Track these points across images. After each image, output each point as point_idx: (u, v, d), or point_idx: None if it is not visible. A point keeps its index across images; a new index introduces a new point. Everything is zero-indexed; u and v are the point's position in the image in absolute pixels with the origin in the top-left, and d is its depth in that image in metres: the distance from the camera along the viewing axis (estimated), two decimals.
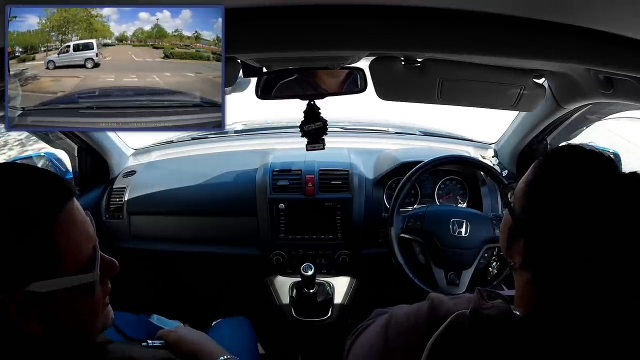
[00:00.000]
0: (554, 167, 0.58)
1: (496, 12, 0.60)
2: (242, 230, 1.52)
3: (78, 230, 0.55)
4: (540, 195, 0.58)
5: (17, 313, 0.50)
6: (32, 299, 0.50)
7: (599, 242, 0.52)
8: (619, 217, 0.52)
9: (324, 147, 1.15)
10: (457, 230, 1.30)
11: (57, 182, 0.55)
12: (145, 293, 1.64)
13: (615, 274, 0.52)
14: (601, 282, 0.53)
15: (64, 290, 0.52)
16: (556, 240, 0.54)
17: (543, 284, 0.57)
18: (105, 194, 1.58)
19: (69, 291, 0.53)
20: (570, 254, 0.53)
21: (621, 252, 0.52)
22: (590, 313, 0.54)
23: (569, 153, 0.59)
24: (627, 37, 0.63)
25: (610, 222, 0.52)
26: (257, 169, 1.55)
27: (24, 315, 0.51)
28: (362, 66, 1.02)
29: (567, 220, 0.54)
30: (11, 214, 0.50)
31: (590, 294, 0.53)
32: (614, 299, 0.53)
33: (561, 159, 0.59)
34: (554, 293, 0.56)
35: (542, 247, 0.56)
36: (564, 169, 0.57)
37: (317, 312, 1.49)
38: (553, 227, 0.55)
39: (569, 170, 0.56)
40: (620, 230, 0.51)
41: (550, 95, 1.20)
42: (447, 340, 0.57)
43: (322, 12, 0.60)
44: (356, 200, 1.48)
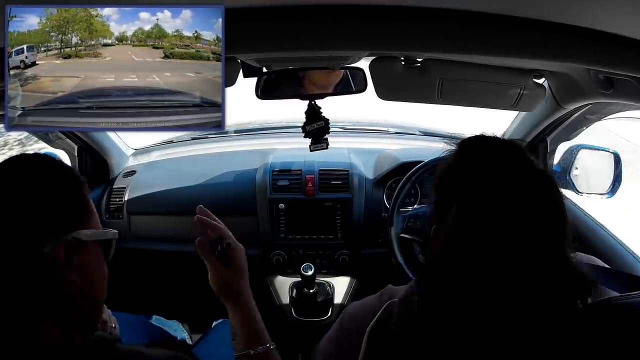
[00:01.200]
0: (457, 157, 0.61)
1: (496, 12, 0.60)
2: (242, 230, 1.51)
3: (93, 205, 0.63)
4: (443, 189, 0.60)
5: (65, 260, 0.55)
6: (75, 247, 0.57)
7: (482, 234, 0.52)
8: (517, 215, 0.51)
9: (327, 147, 1.15)
10: None
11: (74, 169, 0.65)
12: (145, 293, 1.64)
13: (511, 270, 0.51)
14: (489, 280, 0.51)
15: (94, 244, 0.60)
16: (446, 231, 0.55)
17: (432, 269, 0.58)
18: (105, 194, 1.58)
19: (97, 246, 0.61)
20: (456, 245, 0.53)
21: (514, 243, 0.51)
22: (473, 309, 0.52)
23: (473, 143, 0.61)
24: (627, 37, 0.63)
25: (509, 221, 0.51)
26: (257, 169, 1.55)
27: (69, 264, 0.56)
28: (362, 66, 1.02)
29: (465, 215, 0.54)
30: (56, 178, 0.59)
31: (472, 288, 0.52)
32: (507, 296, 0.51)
33: (462, 150, 0.62)
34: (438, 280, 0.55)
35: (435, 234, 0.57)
36: (465, 158, 0.60)
37: (317, 312, 1.49)
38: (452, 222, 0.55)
39: (470, 160, 0.59)
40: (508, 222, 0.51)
41: (550, 95, 1.20)
42: (380, 327, 0.57)
43: (322, 12, 0.60)
44: (356, 200, 1.47)
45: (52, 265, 0.55)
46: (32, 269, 0.55)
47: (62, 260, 0.55)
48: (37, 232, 0.54)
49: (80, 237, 0.57)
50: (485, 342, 0.51)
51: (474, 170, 0.56)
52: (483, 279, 0.51)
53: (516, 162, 0.56)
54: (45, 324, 0.56)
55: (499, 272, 0.51)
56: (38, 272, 0.55)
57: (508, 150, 0.58)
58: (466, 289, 0.52)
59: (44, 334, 0.55)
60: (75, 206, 0.59)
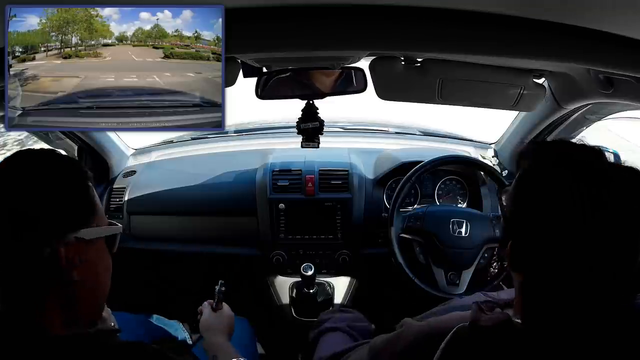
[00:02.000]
0: (538, 167, 0.56)
1: (496, 12, 0.60)
2: (242, 230, 1.52)
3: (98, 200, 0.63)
4: (522, 198, 0.56)
5: (66, 259, 0.56)
6: (78, 246, 0.57)
7: (585, 244, 0.50)
8: (606, 216, 0.50)
9: (318, 146, 1.16)
10: (457, 230, 1.30)
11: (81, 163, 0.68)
12: (145, 293, 1.64)
13: (605, 276, 0.51)
14: (590, 285, 0.51)
15: (97, 243, 0.60)
16: (540, 244, 0.53)
17: (530, 288, 0.56)
18: (105, 194, 1.58)
19: (100, 244, 0.61)
20: (557, 257, 0.52)
21: (611, 253, 0.50)
22: (581, 319, 0.52)
23: (554, 149, 0.57)
24: (627, 37, 0.63)
25: (597, 221, 0.50)
26: (257, 169, 1.55)
27: (71, 262, 0.56)
28: (362, 66, 1.02)
29: (550, 223, 0.52)
30: (61, 174, 0.59)
31: (580, 298, 0.52)
32: (605, 302, 0.52)
33: (545, 156, 0.57)
34: (542, 298, 0.54)
35: (527, 250, 0.55)
36: (547, 168, 0.55)
37: (317, 312, 1.48)
38: (535, 230, 0.53)
39: (551, 170, 0.54)
40: (609, 229, 0.50)
41: (550, 95, 1.20)
42: (450, 355, 0.56)
43: (322, 12, 0.60)
44: (356, 200, 1.47)
45: (54, 265, 0.55)
46: (33, 269, 0.55)
47: (64, 261, 0.56)
48: (38, 233, 0.55)
49: (83, 236, 0.58)
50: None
51: (566, 179, 0.52)
52: (586, 297, 0.52)
53: (605, 168, 0.53)
54: (49, 314, 0.57)
55: (599, 289, 0.51)
56: (39, 272, 0.55)
57: (592, 155, 0.55)
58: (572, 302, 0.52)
59: (48, 323, 0.56)
60: (79, 205, 0.59)
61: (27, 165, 0.59)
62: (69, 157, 0.63)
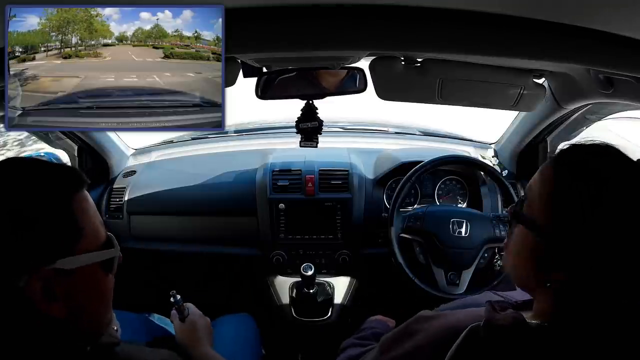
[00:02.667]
0: (574, 171, 0.55)
1: (496, 12, 0.60)
2: (242, 230, 1.52)
3: (93, 210, 0.55)
4: (568, 204, 0.53)
5: (42, 294, 0.49)
6: (58, 277, 0.50)
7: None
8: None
9: (317, 146, 1.16)
10: (457, 230, 1.30)
11: (72, 169, 0.57)
12: (145, 293, 1.64)
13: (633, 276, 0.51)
14: (620, 286, 0.52)
15: (86, 269, 0.52)
16: (598, 248, 0.52)
17: (569, 293, 0.55)
18: (105, 194, 1.58)
19: (91, 269, 0.53)
20: (609, 261, 0.51)
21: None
22: (605, 319, 0.53)
23: (577, 153, 0.57)
24: (627, 37, 0.63)
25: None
26: (257, 169, 1.55)
27: (49, 296, 0.50)
28: (362, 66, 1.02)
29: (605, 226, 0.51)
30: (32, 194, 0.50)
31: (610, 299, 0.53)
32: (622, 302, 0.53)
33: (576, 161, 0.56)
34: (582, 302, 0.54)
35: (584, 257, 0.52)
36: (584, 171, 0.54)
37: (317, 312, 1.49)
38: (593, 236, 0.52)
39: (588, 172, 0.54)
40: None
41: (550, 95, 1.20)
42: (465, 354, 0.56)
43: (322, 12, 0.60)
44: (356, 200, 1.47)
45: (27, 299, 0.48)
46: (5, 304, 0.49)
47: (39, 295, 0.49)
48: (7, 266, 0.48)
49: (62, 266, 0.50)
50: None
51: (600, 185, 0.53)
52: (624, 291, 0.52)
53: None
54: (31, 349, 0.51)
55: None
56: (12, 307, 0.49)
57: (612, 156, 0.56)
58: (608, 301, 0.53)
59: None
60: (57, 229, 0.50)
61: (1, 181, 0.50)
62: (51, 165, 0.55)
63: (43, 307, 0.49)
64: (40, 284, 0.49)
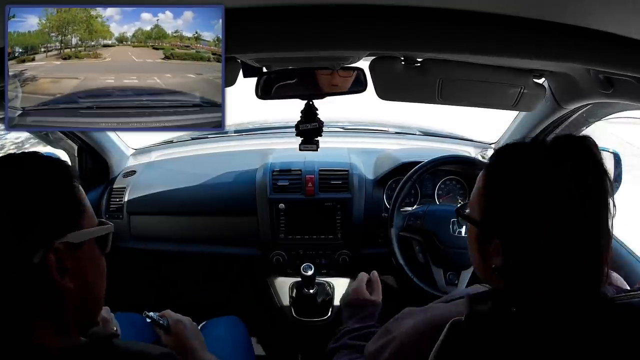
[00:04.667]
0: (491, 171, 0.64)
1: (496, 12, 0.60)
2: (242, 230, 1.52)
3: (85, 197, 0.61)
4: (492, 198, 0.62)
5: (56, 266, 0.54)
6: (67, 251, 0.55)
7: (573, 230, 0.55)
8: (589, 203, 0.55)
9: (317, 149, 1.15)
10: (457, 230, 1.30)
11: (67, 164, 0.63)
12: (145, 293, 1.64)
13: (584, 263, 0.55)
14: (569, 272, 0.55)
15: (88, 246, 0.58)
16: (517, 235, 0.58)
17: (508, 277, 0.59)
18: (105, 194, 1.58)
19: (91, 247, 0.59)
20: (535, 239, 0.56)
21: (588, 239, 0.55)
22: (562, 305, 0.55)
23: (509, 151, 0.64)
24: (627, 37, 0.63)
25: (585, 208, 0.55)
26: (257, 169, 1.55)
27: (61, 270, 0.54)
28: (362, 66, 1.02)
29: (524, 208, 0.57)
30: (43, 179, 0.57)
31: (560, 285, 0.56)
32: (581, 291, 0.55)
33: (495, 161, 0.64)
34: (521, 283, 0.58)
35: (516, 236, 0.58)
36: (498, 170, 0.63)
37: (317, 312, 1.48)
38: (518, 215, 0.58)
39: (501, 170, 0.62)
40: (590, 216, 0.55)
41: (550, 95, 1.20)
42: (449, 346, 0.57)
43: (322, 12, 0.60)
44: (356, 200, 1.47)
45: (43, 273, 0.53)
46: (22, 277, 0.53)
47: (54, 267, 0.54)
48: (25, 242, 0.53)
49: (72, 240, 0.55)
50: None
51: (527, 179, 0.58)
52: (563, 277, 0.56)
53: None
54: (39, 325, 0.55)
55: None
56: (29, 281, 0.53)
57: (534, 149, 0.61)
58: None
59: (38, 335, 0.55)
60: (65, 208, 0.56)
61: (8, 171, 0.56)
62: (52, 158, 0.61)
63: (57, 279, 0.54)
64: (54, 258, 0.54)
